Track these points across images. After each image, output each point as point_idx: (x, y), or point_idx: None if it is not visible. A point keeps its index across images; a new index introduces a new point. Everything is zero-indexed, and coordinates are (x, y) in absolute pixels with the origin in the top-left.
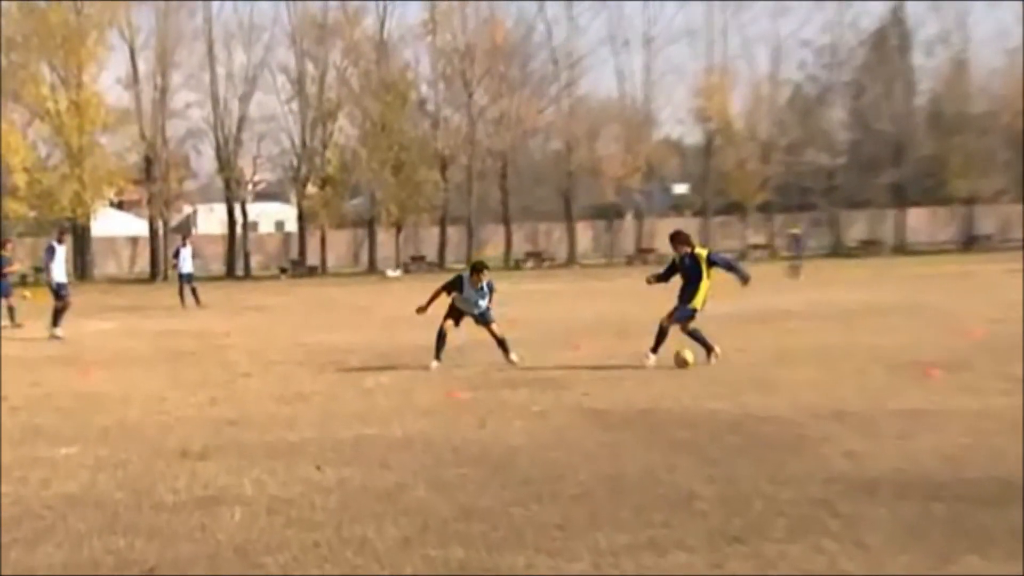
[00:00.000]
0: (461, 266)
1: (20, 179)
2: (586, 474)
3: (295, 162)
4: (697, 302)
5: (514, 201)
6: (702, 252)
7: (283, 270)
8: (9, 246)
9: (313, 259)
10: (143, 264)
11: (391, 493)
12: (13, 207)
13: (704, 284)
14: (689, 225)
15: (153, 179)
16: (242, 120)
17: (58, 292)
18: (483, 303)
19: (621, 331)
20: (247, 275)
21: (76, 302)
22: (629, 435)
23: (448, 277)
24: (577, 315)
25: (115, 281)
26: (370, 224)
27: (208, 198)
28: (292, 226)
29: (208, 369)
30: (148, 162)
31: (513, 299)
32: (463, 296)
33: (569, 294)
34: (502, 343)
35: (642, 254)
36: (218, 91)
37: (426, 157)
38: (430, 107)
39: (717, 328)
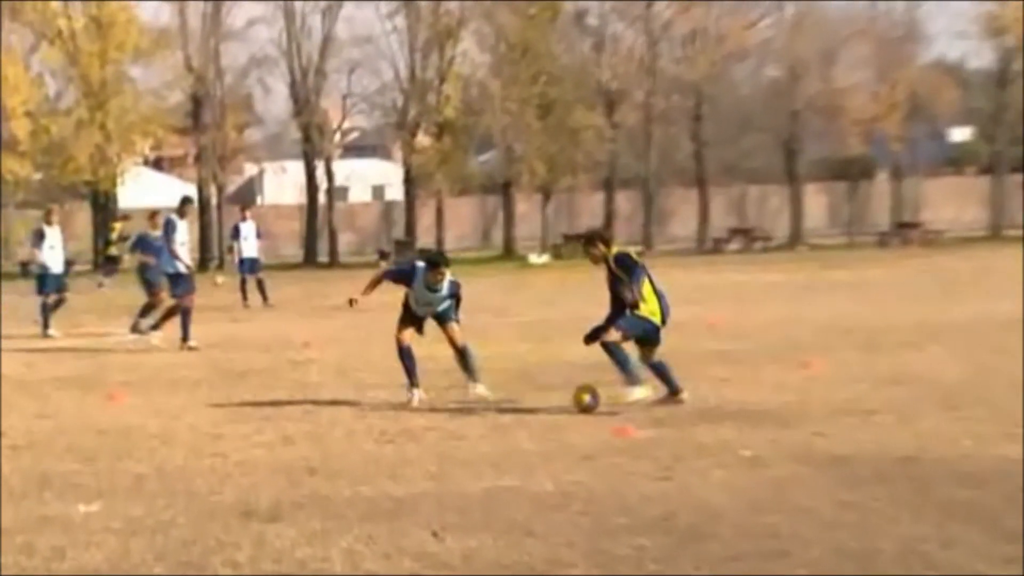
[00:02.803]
0: (635, 248)
1: (21, 127)
2: (820, 549)
3: (400, 102)
4: (646, 310)
5: (712, 155)
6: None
7: (383, 255)
8: (160, 218)
9: (426, 238)
10: (189, 246)
11: (537, 570)
12: (11, 166)
13: (646, 289)
14: (975, 187)
15: (203, 127)
16: (326, 43)
17: (175, 287)
18: (445, 305)
19: (870, 342)
20: (333, 262)
21: (93, 301)
22: (883, 493)
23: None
24: (805, 319)
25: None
26: (505, 189)
27: (279, 154)
28: (395, 192)
29: (280, 394)
30: (196, 103)
31: (711, 294)
32: (415, 295)
33: (793, 288)
34: (463, 355)
35: (902, 230)
36: (293, 2)
37: (586, 93)
38: (591, 21)
39: (1000, 333)
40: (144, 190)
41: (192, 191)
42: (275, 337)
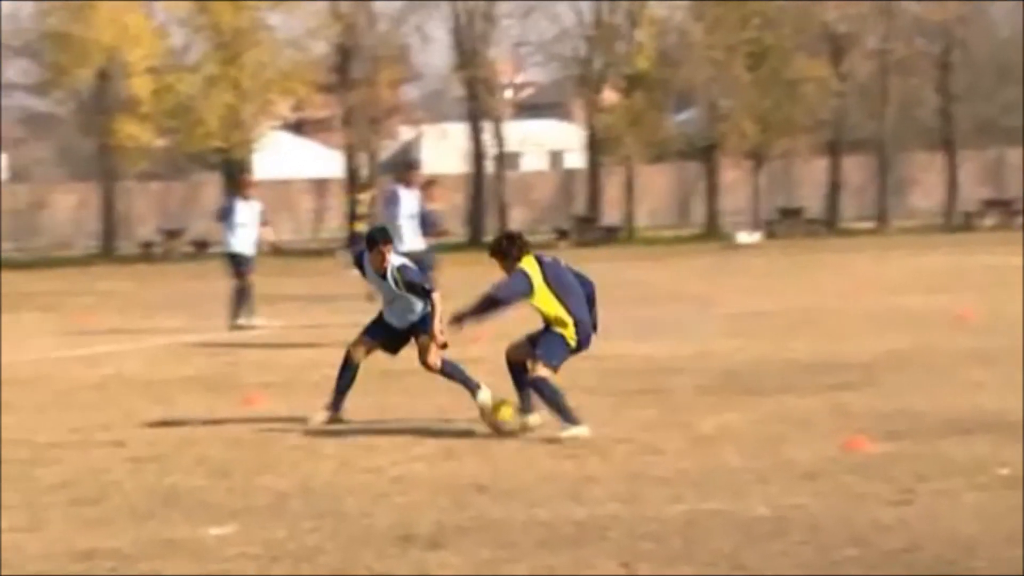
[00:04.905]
0: (867, 225)
1: (143, 86)
2: None
3: (583, 51)
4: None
5: (963, 111)
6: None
7: (562, 233)
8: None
9: (612, 215)
10: (335, 223)
11: None
12: (132, 131)
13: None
14: None
15: (352, 84)
16: None
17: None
18: (413, 306)
19: None
20: None
21: (222, 287)
22: None
23: (834, 243)
24: None
25: (289, 253)
26: (709, 154)
27: (439, 114)
28: (577, 160)
29: (442, 399)
30: (344, 55)
31: (961, 280)
32: (374, 289)
33: None
34: (448, 374)
35: None
36: None
37: (807, 38)
38: None
39: None
40: (283, 160)
41: (339, 159)
42: None
